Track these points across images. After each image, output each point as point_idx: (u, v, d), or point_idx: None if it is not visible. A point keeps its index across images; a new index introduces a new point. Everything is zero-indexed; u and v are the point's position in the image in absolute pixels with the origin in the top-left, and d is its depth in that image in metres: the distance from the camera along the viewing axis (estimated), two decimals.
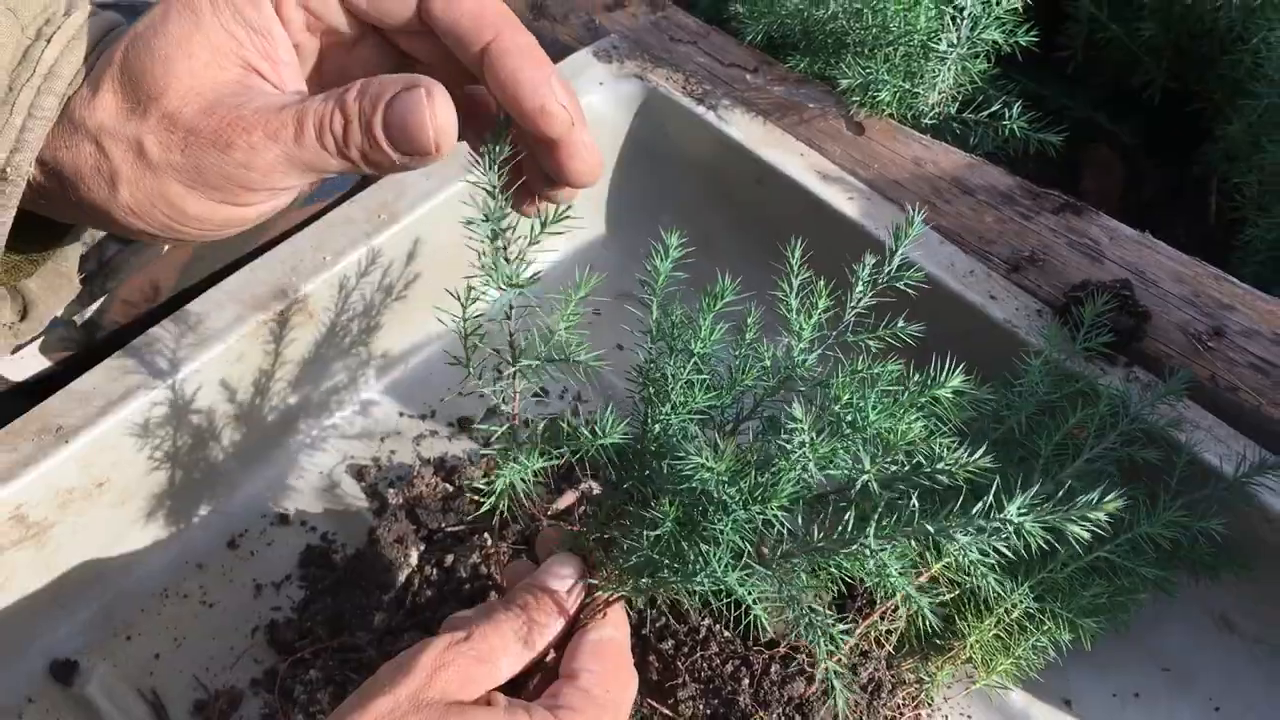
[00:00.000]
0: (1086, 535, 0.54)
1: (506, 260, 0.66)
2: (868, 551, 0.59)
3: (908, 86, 1.08)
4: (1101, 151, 1.31)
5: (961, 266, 1.00)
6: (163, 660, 0.94)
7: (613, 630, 0.71)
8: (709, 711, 0.80)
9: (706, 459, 0.61)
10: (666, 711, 0.80)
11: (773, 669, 0.81)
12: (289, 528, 1.01)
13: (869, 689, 0.84)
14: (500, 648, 0.68)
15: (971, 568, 0.57)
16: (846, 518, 0.60)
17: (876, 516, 0.59)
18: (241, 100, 0.62)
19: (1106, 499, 0.53)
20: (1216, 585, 0.93)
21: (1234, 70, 1.16)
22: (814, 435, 0.61)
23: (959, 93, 1.11)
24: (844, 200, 1.05)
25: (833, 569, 0.64)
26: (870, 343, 0.68)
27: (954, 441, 0.60)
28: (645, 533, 0.65)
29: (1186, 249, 1.01)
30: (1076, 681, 0.93)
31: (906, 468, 0.59)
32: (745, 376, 0.68)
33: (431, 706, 0.64)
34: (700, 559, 0.63)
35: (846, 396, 0.61)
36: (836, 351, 0.69)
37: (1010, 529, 0.55)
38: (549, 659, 0.71)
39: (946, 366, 0.64)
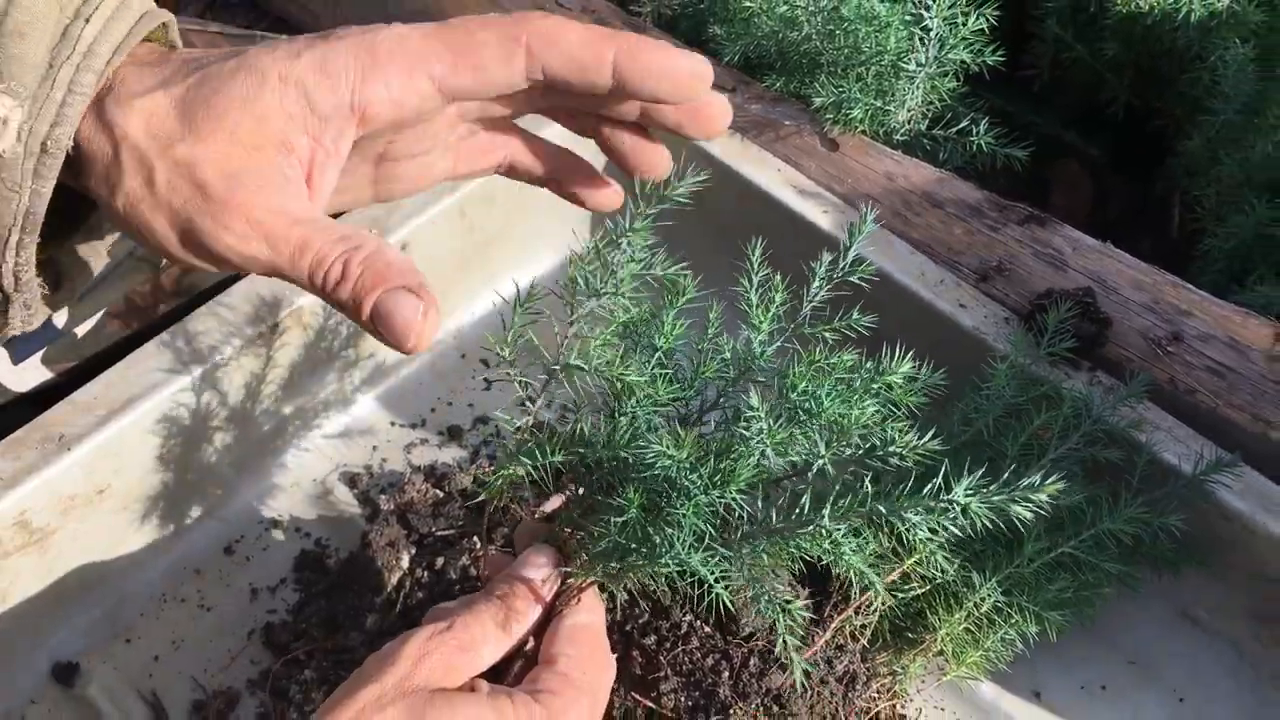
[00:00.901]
0: (1029, 515, 0.57)
1: (608, 268, 0.71)
2: (823, 531, 0.62)
3: (879, 104, 1.12)
4: (1069, 168, 1.35)
5: (932, 276, 1.04)
6: (162, 662, 0.97)
7: (587, 616, 0.74)
8: (690, 703, 0.83)
9: (668, 446, 0.65)
10: (649, 704, 0.83)
11: (751, 662, 0.84)
12: (283, 533, 1.04)
13: (844, 681, 0.87)
14: (481, 636, 0.71)
15: (922, 547, 0.60)
16: (803, 499, 0.64)
17: (832, 497, 0.62)
18: (260, 184, 0.63)
19: (1049, 481, 0.56)
20: (1179, 581, 0.96)
21: (1193, 88, 1.20)
22: (770, 422, 0.64)
23: (929, 110, 1.15)
24: (819, 214, 1.09)
25: (792, 549, 0.67)
26: (827, 335, 0.72)
27: (906, 426, 0.64)
28: (613, 519, 0.68)
29: (1151, 260, 1.05)
30: (1045, 674, 0.96)
31: (861, 451, 0.63)
32: (707, 369, 0.72)
33: (416, 694, 0.67)
34: (665, 542, 0.66)
35: (803, 385, 0.65)
36: (795, 344, 0.73)
37: (957, 509, 0.58)
38: (528, 647, 0.74)
39: (897, 354, 0.67)
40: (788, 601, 0.69)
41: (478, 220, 1.13)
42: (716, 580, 0.66)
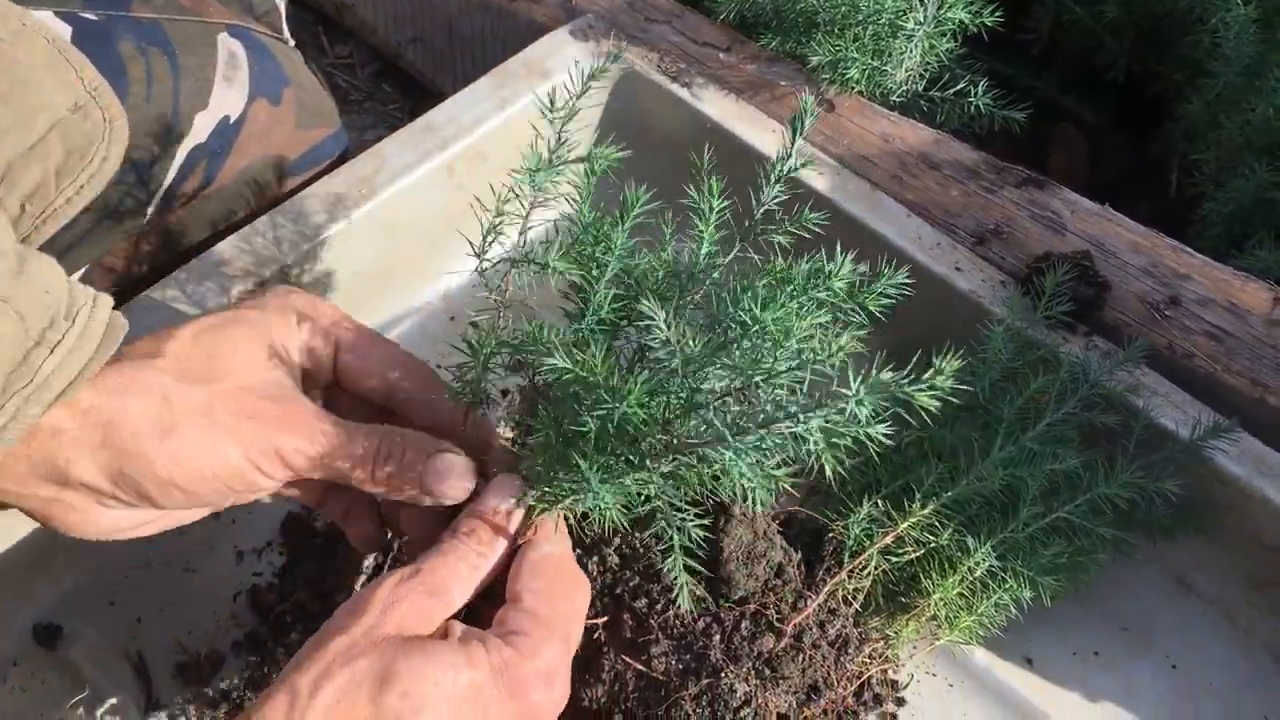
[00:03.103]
0: (935, 405, 0.55)
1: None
2: (726, 448, 0.61)
3: (876, 64, 1.11)
4: (1067, 131, 1.33)
5: (928, 239, 1.03)
6: (145, 625, 0.96)
7: (549, 546, 0.74)
8: (681, 666, 0.82)
9: (575, 358, 0.64)
10: (640, 667, 0.82)
11: (743, 625, 0.83)
12: (269, 496, 1.03)
13: (836, 645, 0.87)
14: (451, 577, 0.71)
15: (823, 457, 0.58)
16: (709, 415, 0.62)
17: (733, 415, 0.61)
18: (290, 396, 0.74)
19: (947, 363, 0.55)
20: (1175, 547, 0.96)
21: (1193, 51, 1.19)
22: (681, 335, 0.63)
23: (926, 71, 1.14)
24: (814, 175, 1.07)
25: (698, 470, 0.66)
26: (780, 240, 0.71)
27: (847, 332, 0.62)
28: (534, 439, 0.68)
29: (1149, 224, 1.04)
30: (1038, 641, 0.96)
31: (795, 364, 0.60)
32: (649, 281, 0.70)
33: (387, 643, 0.66)
34: (576, 463, 0.66)
35: (745, 298, 0.63)
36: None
37: (853, 404, 0.56)
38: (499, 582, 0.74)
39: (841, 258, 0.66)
40: (674, 507, 0.69)
41: (467, 178, 1.11)
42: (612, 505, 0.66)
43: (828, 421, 0.58)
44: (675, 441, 0.65)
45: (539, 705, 0.69)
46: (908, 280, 0.68)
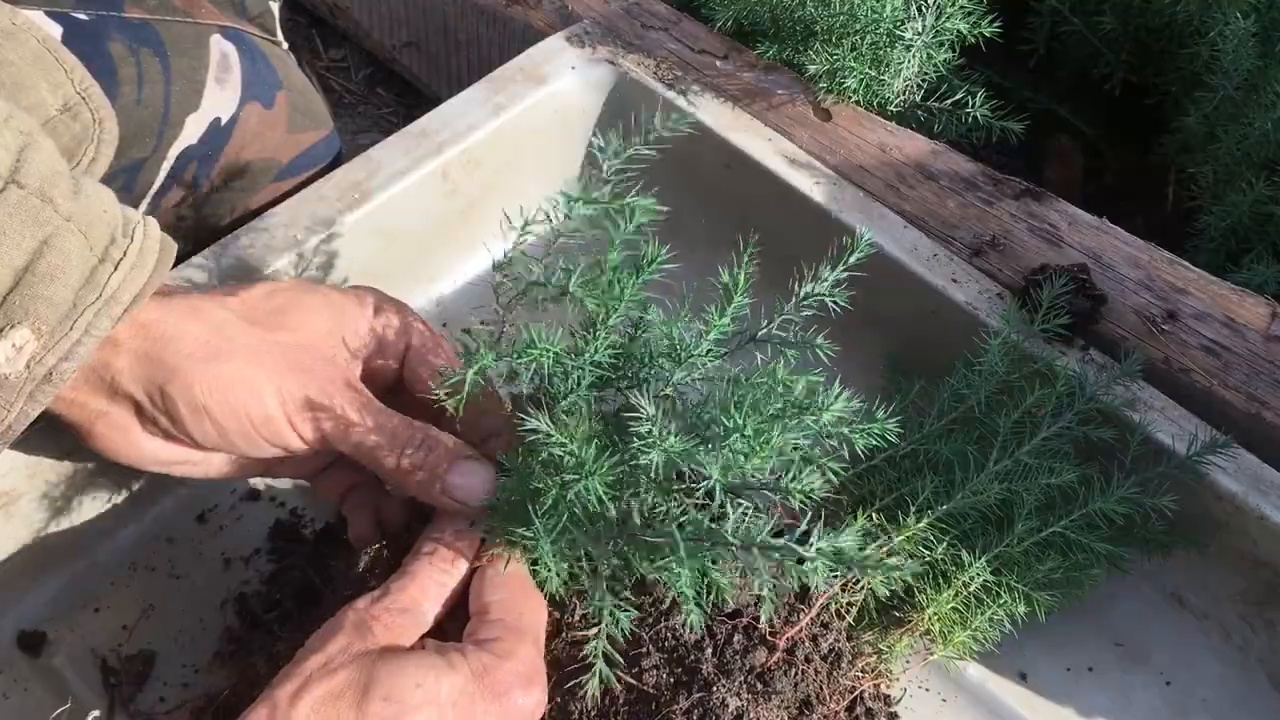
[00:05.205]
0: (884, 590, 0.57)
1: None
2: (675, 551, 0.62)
3: (874, 74, 1.10)
4: (1063, 142, 1.33)
5: (925, 251, 1.03)
6: (131, 632, 0.95)
7: (510, 564, 0.75)
8: (673, 680, 0.81)
9: (558, 421, 0.65)
10: (631, 680, 0.81)
11: (735, 639, 0.83)
12: (258, 503, 1.02)
13: (829, 659, 0.86)
14: (420, 595, 0.72)
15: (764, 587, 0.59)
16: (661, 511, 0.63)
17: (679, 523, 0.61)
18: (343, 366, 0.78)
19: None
20: (1169, 563, 0.95)
21: (1191, 63, 1.19)
22: (662, 428, 0.63)
23: (924, 81, 1.13)
24: (810, 185, 1.07)
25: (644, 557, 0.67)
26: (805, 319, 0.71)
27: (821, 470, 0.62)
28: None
29: (1145, 237, 1.03)
30: (1032, 656, 0.95)
31: (763, 482, 0.61)
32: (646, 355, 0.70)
33: (366, 655, 0.67)
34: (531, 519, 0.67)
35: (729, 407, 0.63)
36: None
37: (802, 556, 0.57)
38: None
39: (838, 390, 0.64)
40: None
41: (461, 184, 1.10)
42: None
43: (778, 554, 0.58)
44: (630, 528, 0.65)
45: (520, 707, 0.69)
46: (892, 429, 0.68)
